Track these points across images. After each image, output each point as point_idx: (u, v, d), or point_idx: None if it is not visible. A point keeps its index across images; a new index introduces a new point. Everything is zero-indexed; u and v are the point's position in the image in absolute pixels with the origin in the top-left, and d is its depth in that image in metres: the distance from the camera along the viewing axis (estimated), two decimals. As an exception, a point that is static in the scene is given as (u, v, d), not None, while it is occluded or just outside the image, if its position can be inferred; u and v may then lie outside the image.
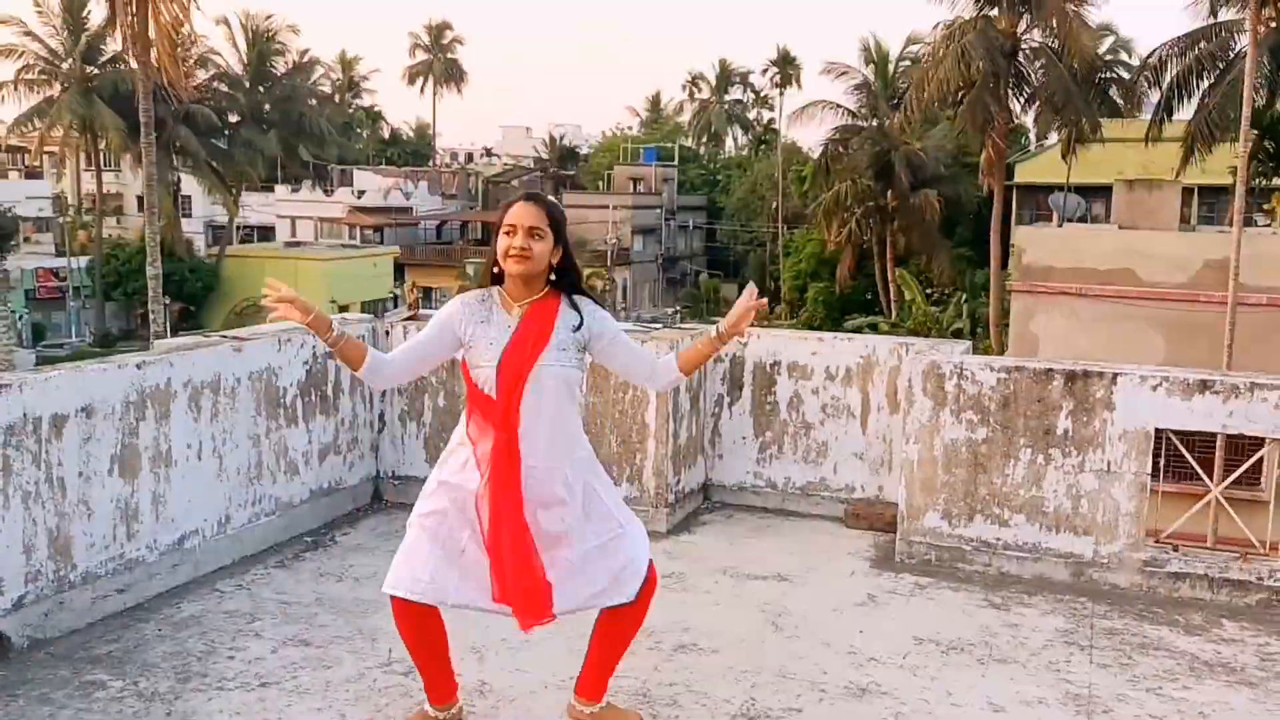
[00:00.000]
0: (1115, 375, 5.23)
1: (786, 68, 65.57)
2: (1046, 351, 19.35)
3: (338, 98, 71.19)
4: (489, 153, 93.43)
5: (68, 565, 4.53)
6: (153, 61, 20.52)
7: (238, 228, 58.58)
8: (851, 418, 6.28)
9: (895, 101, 38.00)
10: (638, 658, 4.29)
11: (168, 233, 41.13)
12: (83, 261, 49.93)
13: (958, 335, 31.46)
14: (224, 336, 5.82)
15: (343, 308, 44.73)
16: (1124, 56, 33.79)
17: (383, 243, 59.85)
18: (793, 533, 6.06)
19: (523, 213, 3.35)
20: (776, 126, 68.84)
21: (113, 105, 44.45)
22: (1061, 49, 29.63)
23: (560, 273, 3.43)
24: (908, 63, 41.40)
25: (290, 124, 53.12)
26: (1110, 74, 32.13)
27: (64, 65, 46.58)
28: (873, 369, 6.23)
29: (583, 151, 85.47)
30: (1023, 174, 39.48)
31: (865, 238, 40.86)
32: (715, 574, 5.38)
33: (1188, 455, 5.33)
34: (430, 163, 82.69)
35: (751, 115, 77.08)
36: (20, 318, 43.42)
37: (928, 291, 37.96)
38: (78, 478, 4.56)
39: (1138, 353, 17.64)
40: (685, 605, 4.95)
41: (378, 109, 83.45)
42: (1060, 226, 24.01)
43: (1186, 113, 25.29)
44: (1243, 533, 5.53)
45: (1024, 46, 31.26)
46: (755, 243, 61.50)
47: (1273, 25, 22.26)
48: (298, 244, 57.71)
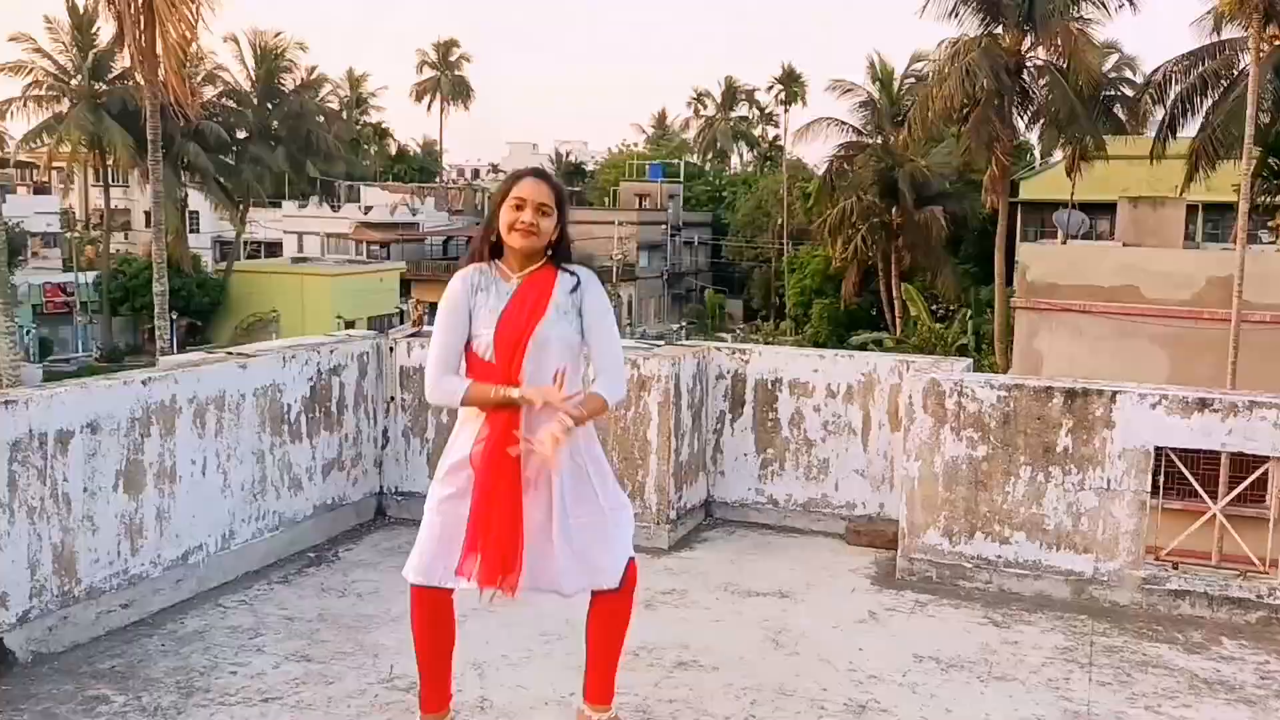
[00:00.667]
0: (1115, 393, 5.24)
1: (791, 85, 65.80)
2: (1051, 368, 19.35)
3: (345, 114, 71.42)
4: (495, 169, 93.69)
5: (72, 580, 4.56)
6: (160, 79, 20.64)
7: (245, 243, 58.79)
8: (853, 435, 6.30)
9: (900, 119, 38.07)
10: (638, 674, 4.31)
11: (175, 249, 41.35)
12: (90, 277, 50.11)
13: (962, 351, 31.48)
14: (229, 353, 5.86)
15: (349, 323, 44.84)
16: (1128, 74, 33.84)
17: (389, 258, 60.03)
18: (794, 549, 6.06)
19: (533, 189, 3.40)
20: (781, 143, 69.10)
21: (121, 121, 44.69)
22: (1066, 67, 29.72)
23: (557, 248, 3.49)
24: (912, 80, 41.50)
25: (298, 140, 53.33)
26: (1115, 91, 32.23)
27: (73, 82, 46.87)
28: (874, 386, 6.25)
29: (589, 168, 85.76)
30: (1027, 191, 39.55)
31: (870, 254, 40.94)
32: (716, 590, 5.40)
33: (1187, 473, 5.34)
34: (437, 179, 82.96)
35: (757, 132, 77.35)
36: (27, 332, 43.54)
37: (933, 308, 38.03)
38: (83, 493, 4.59)
39: (1142, 370, 17.64)
40: (686, 622, 4.96)
41: (385, 126, 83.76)
42: (1064, 243, 24.03)
43: (1191, 130, 25.35)
44: (1247, 550, 5.53)
45: (1028, 64, 31.38)
46: (760, 259, 61.55)
47: (1276, 43, 22.29)
48: (305, 259, 57.86)
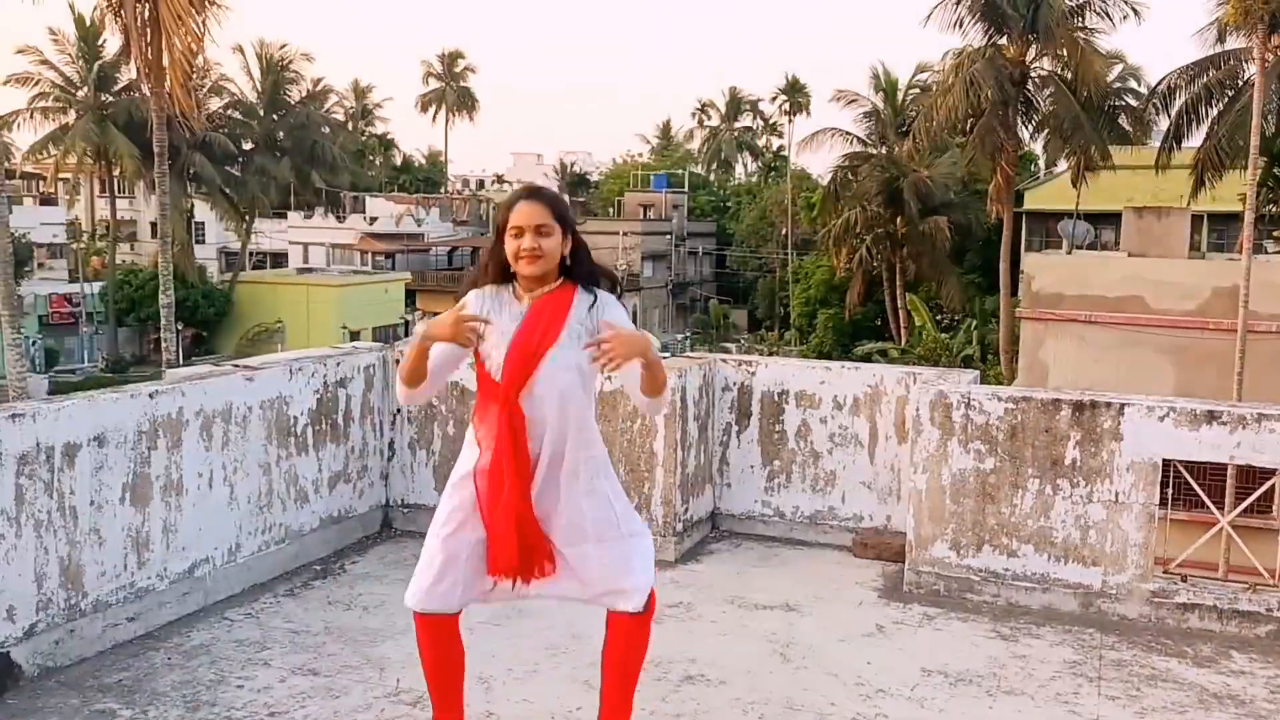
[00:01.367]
0: (1123, 406, 5.23)
1: (795, 95, 65.92)
2: (1056, 378, 19.33)
3: (351, 125, 71.71)
4: (500, 179, 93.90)
5: (79, 594, 4.55)
6: (166, 91, 20.70)
7: (251, 254, 58.90)
8: (859, 447, 6.29)
9: (904, 129, 38.16)
10: (644, 689, 4.28)
11: (181, 259, 41.43)
12: (96, 287, 50.24)
13: (967, 361, 31.44)
14: (236, 365, 5.86)
15: (354, 334, 44.89)
16: (1133, 84, 33.86)
17: (394, 269, 60.13)
18: (800, 562, 6.05)
19: (527, 212, 3.31)
20: (786, 153, 69.12)
21: (127, 132, 44.84)
22: (1070, 77, 29.75)
23: (574, 263, 3.40)
24: (917, 91, 41.59)
25: (304, 151, 53.45)
26: (1119, 101, 32.23)
27: (79, 93, 47.04)
28: (880, 398, 6.24)
29: (593, 178, 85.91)
30: (1032, 201, 39.55)
31: (875, 264, 40.96)
32: (722, 603, 5.38)
33: (1196, 486, 5.32)
34: (442, 189, 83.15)
35: (761, 142, 77.48)
36: (33, 343, 43.64)
37: (938, 317, 38.01)
38: (89, 506, 4.59)
39: (1147, 380, 17.63)
40: (692, 635, 4.95)
41: (390, 136, 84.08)
42: (1070, 253, 24.03)
43: (1196, 140, 25.34)
44: (1255, 562, 5.51)
45: (1033, 74, 31.42)
46: (765, 269, 61.60)
47: (1280, 54, 22.29)
48: (310, 270, 58.00)
